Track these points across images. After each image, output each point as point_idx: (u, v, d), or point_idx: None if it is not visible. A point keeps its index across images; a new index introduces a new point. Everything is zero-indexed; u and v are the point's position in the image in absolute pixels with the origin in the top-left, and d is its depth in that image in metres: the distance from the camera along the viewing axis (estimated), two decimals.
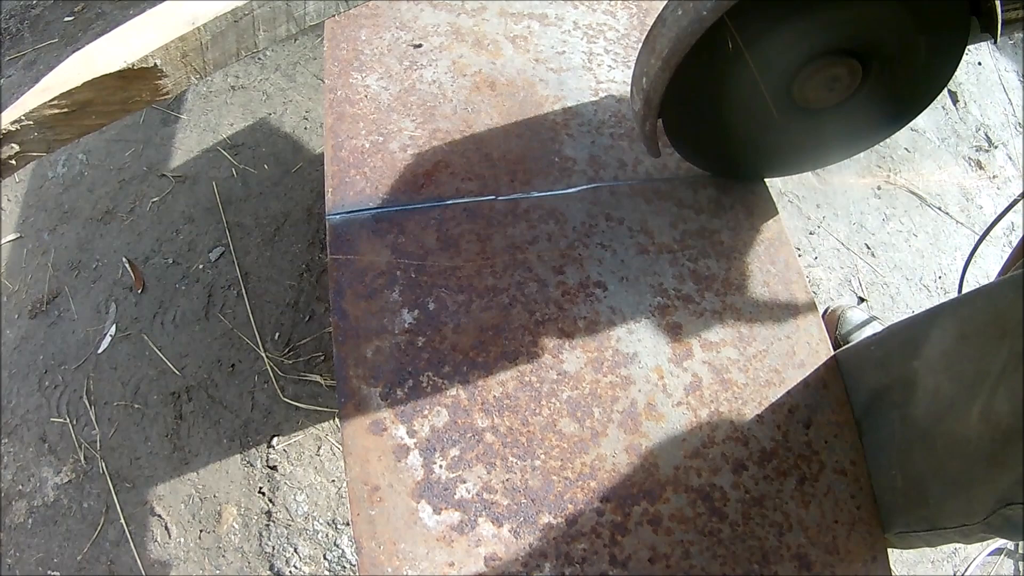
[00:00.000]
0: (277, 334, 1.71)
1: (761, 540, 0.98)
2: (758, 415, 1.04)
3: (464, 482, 0.97)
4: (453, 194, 1.18)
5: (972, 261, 1.88)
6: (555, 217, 1.17)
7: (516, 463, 0.99)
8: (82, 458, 1.62)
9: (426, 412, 1.01)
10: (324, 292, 1.76)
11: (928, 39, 1.03)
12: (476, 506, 0.96)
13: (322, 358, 1.67)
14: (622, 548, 0.95)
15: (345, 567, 1.46)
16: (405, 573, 0.92)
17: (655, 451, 1.01)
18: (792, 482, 1.01)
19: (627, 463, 1.00)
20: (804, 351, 1.09)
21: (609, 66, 1.34)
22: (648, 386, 1.05)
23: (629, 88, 1.09)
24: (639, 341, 1.07)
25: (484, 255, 1.12)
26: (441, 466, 0.98)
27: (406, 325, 1.06)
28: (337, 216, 1.15)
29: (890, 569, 1.00)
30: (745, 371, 1.07)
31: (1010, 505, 0.85)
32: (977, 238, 1.25)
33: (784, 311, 1.11)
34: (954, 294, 1.45)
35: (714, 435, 1.03)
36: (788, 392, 1.06)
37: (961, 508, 0.93)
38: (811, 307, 1.12)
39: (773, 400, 1.06)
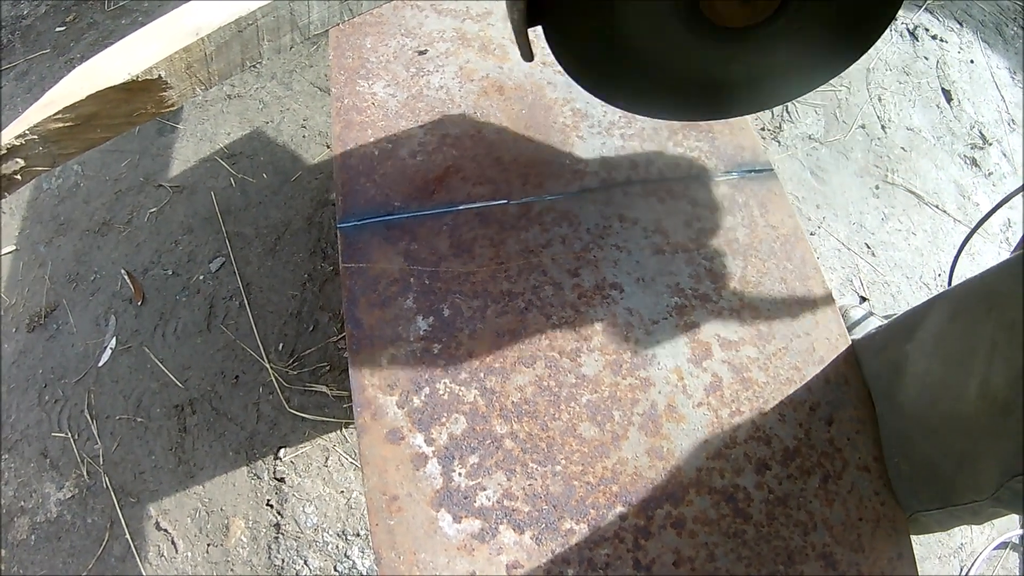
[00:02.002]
0: (281, 344, 1.69)
1: (786, 540, 0.97)
2: (780, 413, 1.03)
3: (484, 489, 0.96)
4: (465, 199, 1.17)
5: (970, 259, 1.91)
6: (568, 219, 1.16)
7: (536, 469, 0.97)
8: (85, 473, 1.60)
9: (444, 420, 1.00)
10: (327, 301, 1.74)
11: None
12: (497, 513, 0.95)
13: (327, 368, 1.65)
14: (646, 552, 0.94)
15: None
16: None
17: (677, 453, 1.00)
18: (816, 480, 1.00)
19: (649, 466, 0.99)
20: (824, 347, 1.08)
21: None
22: (668, 387, 1.04)
23: None
24: (657, 342, 1.06)
25: (498, 259, 1.11)
26: (460, 474, 0.96)
27: (421, 332, 1.05)
28: (348, 224, 1.13)
29: (916, 567, 0.99)
30: (765, 369, 1.06)
31: (1016, 477, 0.85)
32: (970, 232, 1.24)
33: (802, 307, 1.11)
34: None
35: (736, 435, 1.02)
36: (809, 389, 1.05)
37: (969, 483, 0.92)
38: (829, 303, 1.11)
39: (794, 398, 1.05)
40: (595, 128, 1.26)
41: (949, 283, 1.43)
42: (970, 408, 0.88)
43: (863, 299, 1.82)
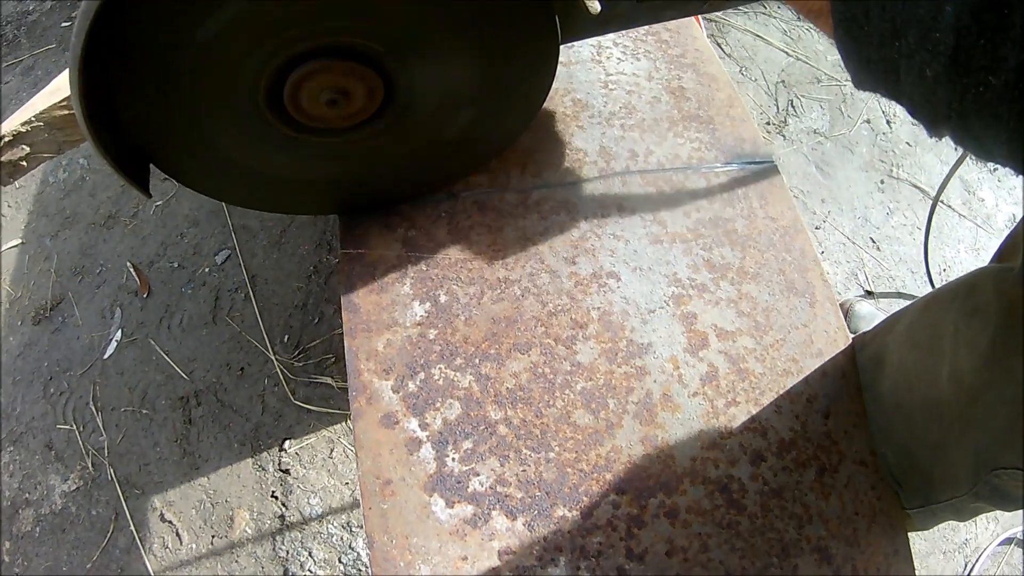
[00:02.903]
0: (286, 336, 1.70)
1: (780, 532, 0.96)
2: (776, 405, 1.03)
3: (477, 475, 0.96)
4: (463, 187, 1.17)
5: (975, 255, 1.91)
6: (567, 208, 1.16)
7: (530, 455, 0.97)
8: (90, 465, 1.61)
9: (438, 405, 1.00)
10: (333, 294, 1.75)
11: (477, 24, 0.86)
12: (489, 499, 0.95)
13: (333, 360, 1.66)
14: (639, 541, 0.94)
15: (360, 570, 1.44)
16: (417, 567, 0.91)
17: (671, 442, 0.99)
18: (811, 473, 1.00)
19: (643, 455, 0.98)
20: (822, 340, 1.08)
21: (619, 59, 1.33)
22: (664, 376, 1.03)
23: None
24: (654, 331, 1.06)
25: (495, 247, 1.11)
26: (454, 459, 0.97)
27: (417, 318, 1.05)
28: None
29: (912, 563, 0.98)
30: (762, 360, 1.05)
31: (993, 472, 0.84)
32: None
33: (801, 299, 1.10)
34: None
35: (731, 425, 1.01)
36: (806, 381, 1.05)
37: (946, 475, 0.93)
38: (828, 295, 1.11)
39: (791, 390, 1.04)
40: (595, 118, 1.26)
41: (926, 262, 1.43)
42: (942, 394, 0.89)
43: (868, 293, 1.82)
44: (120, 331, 1.75)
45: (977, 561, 1.53)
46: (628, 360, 1.04)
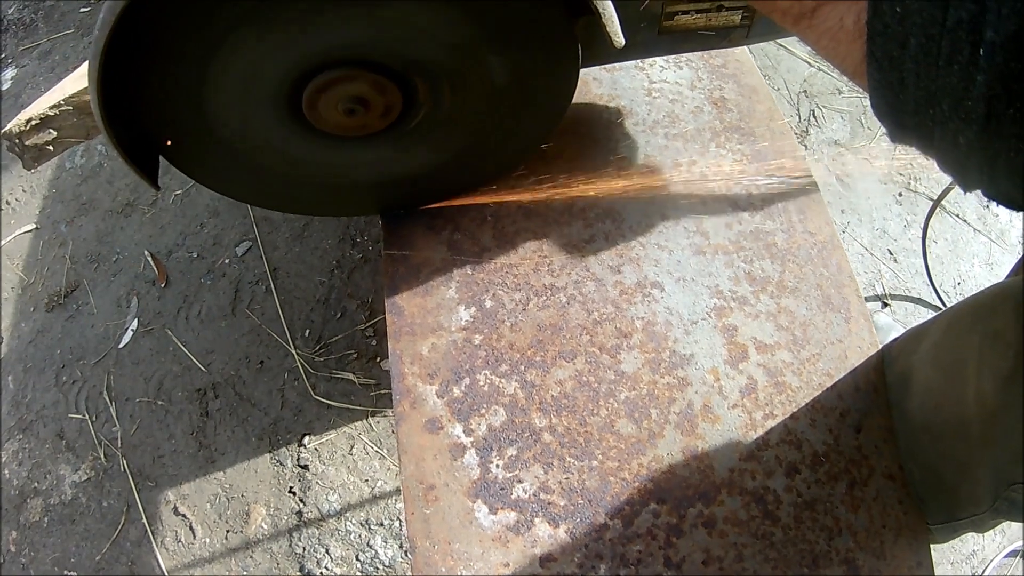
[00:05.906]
0: (307, 331, 1.69)
1: (812, 544, 0.97)
2: (811, 419, 1.04)
3: (521, 482, 0.96)
4: (508, 191, 1.17)
5: (988, 269, 1.92)
6: (612, 216, 1.16)
7: (573, 463, 0.98)
8: (102, 455, 1.60)
9: (483, 411, 1.00)
10: (356, 289, 1.74)
11: (503, 51, 0.87)
12: (533, 506, 0.95)
13: (354, 356, 1.65)
14: (677, 550, 0.95)
15: (378, 568, 1.44)
16: (459, 573, 0.91)
17: (711, 453, 1.00)
18: (843, 486, 1.01)
19: (683, 465, 0.99)
20: (856, 355, 1.09)
21: (661, 66, 1.34)
22: (704, 388, 1.04)
23: None
24: (695, 342, 1.07)
25: (541, 253, 1.12)
26: (498, 465, 0.97)
27: (463, 323, 1.05)
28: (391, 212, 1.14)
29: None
30: (799, 374, 1.06)
31: (1013, 486, 0.86)
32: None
33: (837, 315, 1.11)
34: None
35: (768, 438, 1.02)
36: (840, 396, 1.06)
37: (969, 493, 0.94)
38: (863, 311, 1.12)
39: (825, 404, 1.05)
40: (639, 126, 1.27)
41: (924, 259, 1.43)
42: (968, 415, 0.90)
43: (885, 304, 1.83)
44: (136, 320, 1.74)
45: (983, 573, 1.55)
46: (671, 371, 1.05)
